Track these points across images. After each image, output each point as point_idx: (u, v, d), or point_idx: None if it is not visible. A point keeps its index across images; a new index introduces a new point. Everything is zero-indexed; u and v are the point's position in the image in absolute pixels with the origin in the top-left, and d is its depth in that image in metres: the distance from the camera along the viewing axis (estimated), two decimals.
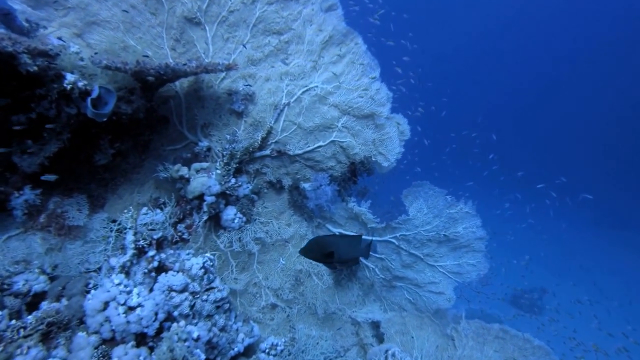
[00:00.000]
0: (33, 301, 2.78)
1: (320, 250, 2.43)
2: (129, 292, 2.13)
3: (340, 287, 4.10)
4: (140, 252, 2.61)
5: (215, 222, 3.74)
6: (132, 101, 3.40)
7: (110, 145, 3.54)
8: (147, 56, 3.50)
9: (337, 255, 2.48)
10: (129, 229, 2.61)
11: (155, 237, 2.76)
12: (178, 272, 2.65)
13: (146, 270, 2.52)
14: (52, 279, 2.95)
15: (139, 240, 2.58)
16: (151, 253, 2.59)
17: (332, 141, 3.83)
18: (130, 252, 2.53)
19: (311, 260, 3.80)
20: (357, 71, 3.84)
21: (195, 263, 2.67)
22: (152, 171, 3.77)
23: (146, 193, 3.87)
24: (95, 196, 3.77)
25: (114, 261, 2.51)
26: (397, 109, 4.00)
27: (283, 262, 3.91)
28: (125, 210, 2.92)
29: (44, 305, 2.60)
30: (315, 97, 3.78)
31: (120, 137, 3.61)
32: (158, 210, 3.01)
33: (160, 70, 3.06)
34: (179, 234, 3.73)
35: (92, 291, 2.09)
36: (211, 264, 2.74)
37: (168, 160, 3.88)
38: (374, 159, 3.90)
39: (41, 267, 2.92)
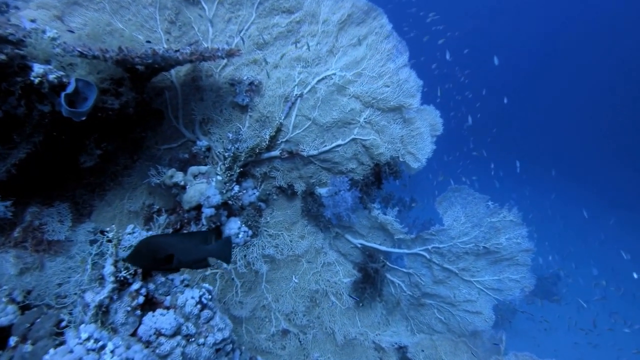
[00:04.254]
0: None
1: (154, 255, 2.02)
2: (102, 348, 1.77)
3: (362, 307, 3.71)
4: (123, 284, 2.23)
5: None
6: (120, 94, 3.06)
7: (96, 145, 3.21)
8: (149, 43, 3.11)
9: (177, 259, 2.06)
10: (109, 256, 2.23)
11: None
12: (169, 308, 2.28)
13: (129, 308, 2.15)
14: (24, 308, 2.61)
15: (120, 271, 2.20)
16: (135, 286, 2.22)
17: (353, 139, 3.44)
18: (109, 287, 2.16)
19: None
20: (381, 55, 3.43)
21: (190, 297, 2.29)
22: (144, 174, 3.44)
23: (138, 199, 3.53)
24: (80, 203, 3.45)
25: (89, 297, 2.14)
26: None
27: (296, 281, 3.54)
28: (108, 229, 2.54)
29: (11, 340, 2.26)
30: (332, 87, 3.37)
31: (108, 135, 3.27)
32: (145, 232, 2.62)
33: (147, 59, 2.67)
34: None
35: (50, 351, 1.72)
36: (209, 297, 2.37)
37: (163, 162, 3.53)
38: (401, 160, 3.49)
39: (10, 294, 2.58)
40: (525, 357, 3.43)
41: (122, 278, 2.26)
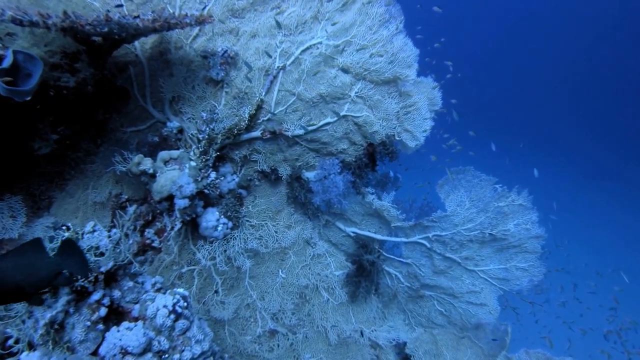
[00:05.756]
0: None
1: None
2: None
3: (357, 301, 3.46)
4: (81, 294, 1.93)
5: (193, 226, 3.07)
6: (77, 70, 2.76)
7: (52, 129, 2.89)
8: (109, 11, 2.75)
9: (16, 287, 1.67)
10: None
11: (103, 269, 2.08)
12: (138, 319, 1.99)
13: (89, 323, 1.86)
14: None
15: (77, 279, 1.90)
16: (96, 296, 1.93)
17: (344, 116, 3.14)
18: (63, 300, 1.86)
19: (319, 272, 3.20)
20: (372, 21, 3.11)
21: (162, 306, 2.00)
22: (110, 160, 3.15)
23: (104, 189, 3.23)
24: (37, 195, 3.13)
25: (39, 312, 1.84)
26: None
27: (283, 276, 3.27)
28: (64, 227, 2.23)
29: None
30: (319, 58, 3.07)
31: (65, 118, 2.97)
32: (106, 232, 2.30)
33: (100, 27, 2.32)
34: (148, 241, 3.08)
35: None
36: (185, 304, 2.07)
37: (130, 146, 3.23)
38: (397, 138, 3.21)
39: None
40: (538, 354, 3.21)
41: (79, 287, 1.96)
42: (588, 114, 37.48)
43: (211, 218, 2.97)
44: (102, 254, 2.16)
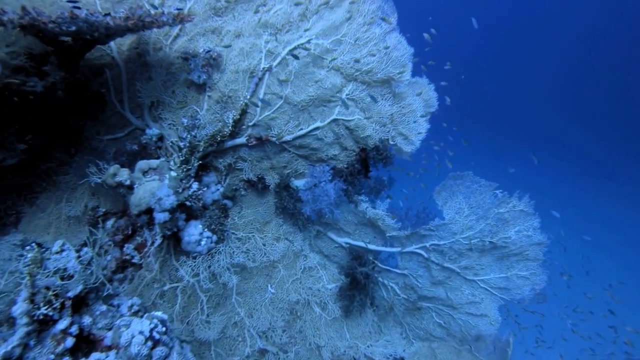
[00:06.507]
0: None
1: None
2: None
3: (351, 316, 3.28)
4: (44, 323, 1.72)
5: (175, 241, 2.86)
6: (45, 74, 2.59)
7: (19, 138, 2.70)
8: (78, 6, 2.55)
9: None
10: (23, 287, 1.71)
11: (70, 293, 1.86)
12: (110, 348, 1.78)
13: (52, 357, 1.64)
14: None
15: (39, 307, 1.68)
16: (62, 325, 1.72)
17: (335, 120, 2.98)
18: (21, 331, 1.64)
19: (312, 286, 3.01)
20: (364, 18, 2.96)
21: (138, 333, 1.79)
22: (85, 171, 2.93)
23: (79, 201, 3.02)
24: (3, 210, 2.91)
25: None
26: None
27: (272, 292, 3.08)
28: (28, 247, 2.01)
29: None
30: (307, 58, 2.91)
31: (34, 125, 2.77)
32: (74, 252, 2.08)
33: (66, 25, 2.11)
34: (127, 257, 2.86)
35: None
36: (163, 329, 1.87)
37: (107, 155, 3.05)
38: (392, 142, 3.03)
39: None
40: None
41: (41, 316, 1.74)
42: (589, 111, 37.86)
43: (194, 232, 2.76)
44: (70, 277, 1.95)
